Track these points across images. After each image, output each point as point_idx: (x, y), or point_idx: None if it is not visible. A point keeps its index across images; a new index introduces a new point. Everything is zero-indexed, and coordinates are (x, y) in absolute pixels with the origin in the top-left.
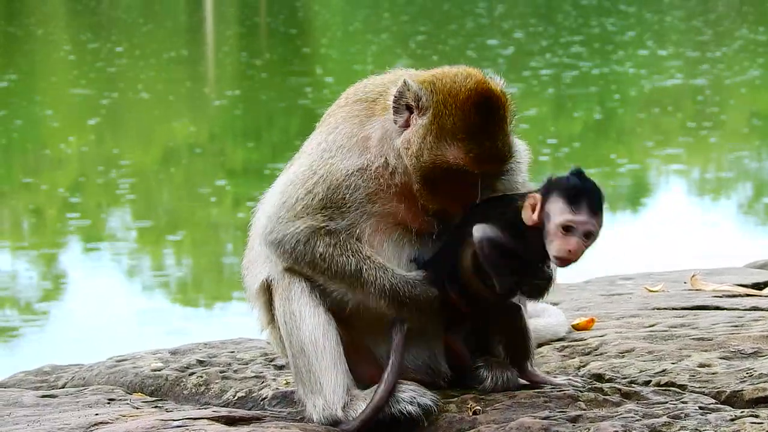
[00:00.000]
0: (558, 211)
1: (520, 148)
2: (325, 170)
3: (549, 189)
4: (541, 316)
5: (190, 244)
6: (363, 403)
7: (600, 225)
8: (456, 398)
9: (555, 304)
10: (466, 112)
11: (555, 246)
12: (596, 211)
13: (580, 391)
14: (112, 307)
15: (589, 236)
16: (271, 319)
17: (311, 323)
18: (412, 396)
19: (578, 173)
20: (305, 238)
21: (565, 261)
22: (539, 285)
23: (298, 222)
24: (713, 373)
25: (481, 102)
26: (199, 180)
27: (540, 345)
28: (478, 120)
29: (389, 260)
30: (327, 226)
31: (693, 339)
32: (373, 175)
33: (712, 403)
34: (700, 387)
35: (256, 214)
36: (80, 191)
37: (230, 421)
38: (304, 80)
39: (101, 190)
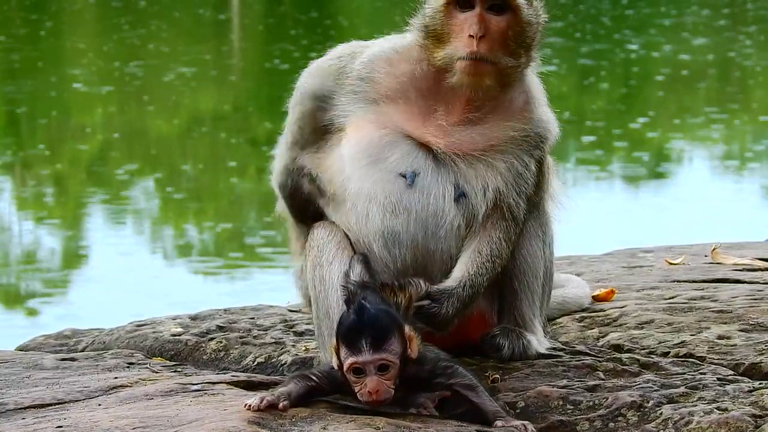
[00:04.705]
0: (343, 356)
1: (549, 119)
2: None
3: (336, 331)
4: (565, 286)
5: (212, 213)
6: None
7: (396, 351)
8: (474, 367)
9: (577, 275)
10: None
11: (356, 391)
12: (380, 345)
13: (599, 361)
14: (134, 275)
15: (385, 368)
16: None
17: (341, 290)
18: None
19: (359, 307)
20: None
21: (373, 402)
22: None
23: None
24: (732, 346)
25: None
26: (222, 149)
27: (562, 315)
28: None
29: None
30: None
31: (712, 311)
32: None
33: (730, 375)
34: (718, 359)
35: None
36: (103, 160)
37: (249, 385)
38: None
39: (125, 159)
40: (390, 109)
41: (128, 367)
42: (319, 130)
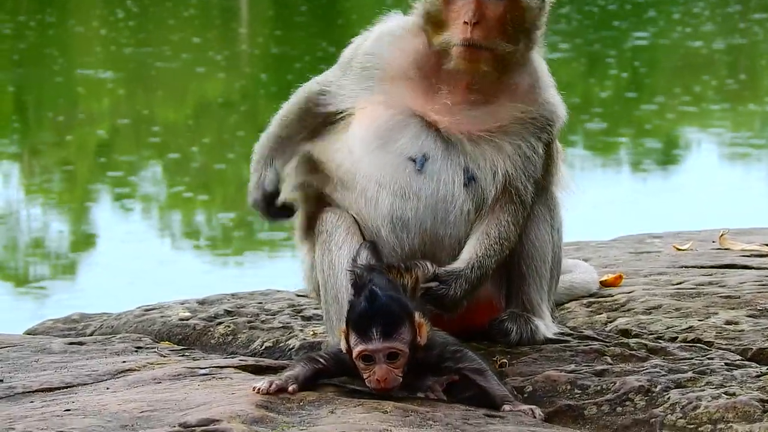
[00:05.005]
0: (353, 343)
1: (557, 102)
2: None
3: (347, 316)
4: (573, 272)
5: (220, 199)
6: None
7: (406, 339)
8: (482, 351)
9: (585, 260)
10: None
11: (364, 377)
12: (390, 333)
13: (607, 346)
14: (141, 262)
15: (395, 357)
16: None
17: (347, 272)
18: None
19: (370, 293)
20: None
21: (381, 390)
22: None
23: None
24: (740, 331)
25: None
26: (230, 136)
27: (569, 300)
28: None
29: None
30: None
31: (720, 297)
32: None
33: (737, 360)
34: (726, 344)
35: None
36: (111, 147)
37: (257, 370)
38: (339, 39)
39: (132, 146)
40: (397, 86)
41: (136, 351)
42: (316, 119)
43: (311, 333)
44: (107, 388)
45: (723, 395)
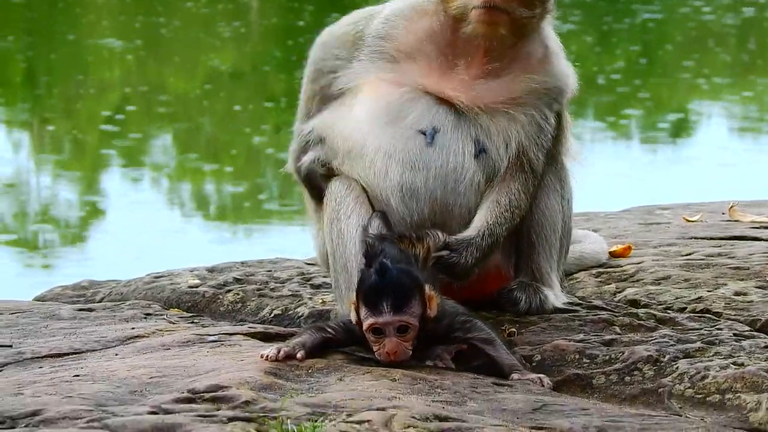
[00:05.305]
0: (363, 316)
1: (568, 72)
2: None
3: (357, 289)
4: (583, 242)
5: (230, 170)
6: None
7: (416, 313)
8: (491, 320)
9: (594, 231)
10: None
11: (374, 350)
12: (401, 307)
13: (616, 316)
14: (150, 231)
15: (404, 330)
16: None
17: (358, 243)
18: None
19: (380, 267)
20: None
21: (391, 362)
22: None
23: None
24: (749, 302)
25: None
26: (240, 107)
27: (579, 270)
28: None
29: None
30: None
31: (729, 268)
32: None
33: (746, 331)
34: (735, 314)
35: None
36: (122, 115)
37: (266, 337)
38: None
39: (143, 115)
40: (409, 66)
41: (145, 318)
42: (331, 98)
43: (320, 301)
44: (116, 355)
45: (731, 365)
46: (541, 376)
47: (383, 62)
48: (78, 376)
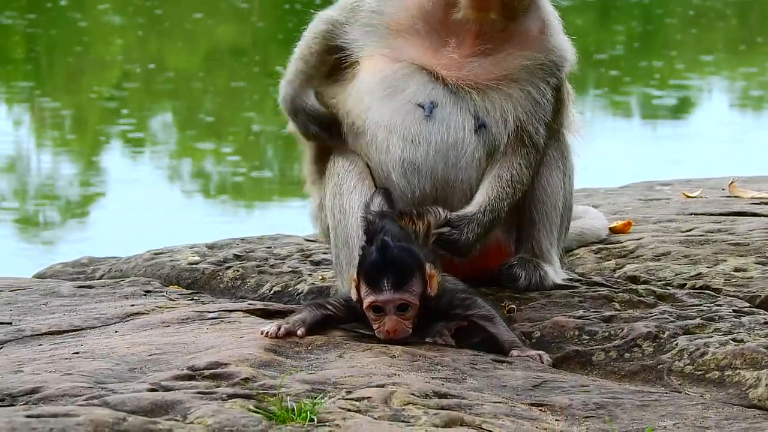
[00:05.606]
0: (363, 294)
1: (566, 46)
2: None
3: (358, 267)
4: (583, 218)
5: (230, 147)
6: None
7: (417, 291)
8: (491, 296)
9: (594, 207)
10: None
11: (374, 328)
12: (401, 285)
13: (615, 292)
14: (151, 208)
15: (404, 308)
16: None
17: (360, 219)
18: None
19: (382, 244)
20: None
21: (391, 340)
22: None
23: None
24: (748, 278)
25: None
26: (241, 83)
27: (579, 246)
28: None
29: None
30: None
31: (729, 244)
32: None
33: (746, 307)
34: (734, 291)
35: None
36: (123, 92)
37: (266, 314)
38: None
39: (143, 93)
40: (402, 43)
41: (145, 295)
42: (327, 62)
43: (320, 278)
44: (116, 332)
45: (731, 342)
46: (541, 352)
47: (378, 37)
48: (77, 353)
